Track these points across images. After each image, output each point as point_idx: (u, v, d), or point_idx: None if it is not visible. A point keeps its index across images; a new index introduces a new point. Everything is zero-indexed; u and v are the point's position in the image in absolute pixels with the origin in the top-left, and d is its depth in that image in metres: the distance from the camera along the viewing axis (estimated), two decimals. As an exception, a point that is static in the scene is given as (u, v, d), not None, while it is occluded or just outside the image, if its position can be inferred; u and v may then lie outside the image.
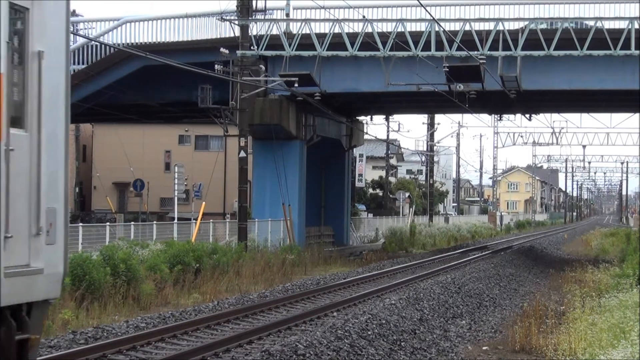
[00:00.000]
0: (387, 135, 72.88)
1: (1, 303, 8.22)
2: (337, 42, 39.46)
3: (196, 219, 35.95)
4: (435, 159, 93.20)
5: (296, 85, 37.96)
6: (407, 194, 77.62)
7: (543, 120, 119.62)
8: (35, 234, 8.99)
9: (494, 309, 24.40)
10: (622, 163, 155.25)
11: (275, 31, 40.55)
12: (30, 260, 8.91)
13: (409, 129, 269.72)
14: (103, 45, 43.08)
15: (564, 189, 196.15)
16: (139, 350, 15.53)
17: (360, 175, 68.76)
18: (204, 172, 54.00)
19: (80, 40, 42.76)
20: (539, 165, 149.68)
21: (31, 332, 8.91)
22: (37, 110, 9.08)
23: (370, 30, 39.34)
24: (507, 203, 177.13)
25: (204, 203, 39.59)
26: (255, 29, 40.24)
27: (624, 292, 23.79)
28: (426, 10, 34.96)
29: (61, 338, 16.32)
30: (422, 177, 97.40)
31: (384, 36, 39.32)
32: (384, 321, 19.23)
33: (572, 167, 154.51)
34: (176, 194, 40.67)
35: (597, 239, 69.47)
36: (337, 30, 39.58)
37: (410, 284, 28.80)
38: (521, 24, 39.75)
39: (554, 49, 38.75)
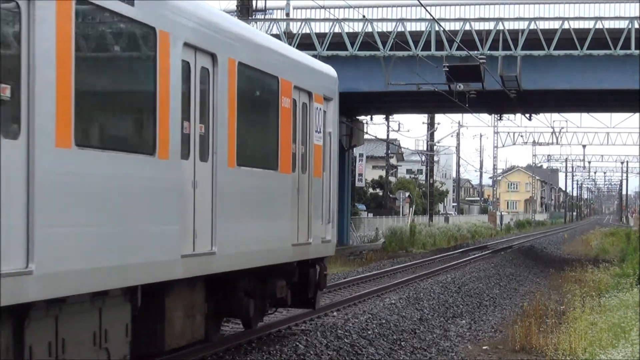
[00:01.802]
0: (387, 135, 72.95)
1: (320, 254, 17.40)
2: (337, 41, 39.47)
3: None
4: (435, 158, 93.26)
5: (296, 84, 37.93)
6: (407, 194, 77.67)
7: (543, 120, 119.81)
8: (327, 222, 17.67)
9: (494, 309, 24.40)
10: (622, 163, 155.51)
11: (275, 31, 40.57)
12: (326, 235, 17.56)
13: (409, 129, 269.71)
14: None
15: (564, 189, 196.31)
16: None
17: (360, 175, 68.79)
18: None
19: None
20: (539, 165, 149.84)
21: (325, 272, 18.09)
22: (329, 163, 17.80)
23: (370, 29, 39.35)
24: (507, 203, 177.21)
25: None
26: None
27: (624, 292, 23.82)
28: (426, 10, 34.97)
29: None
30: (422, 177, 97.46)
31: (384, 36, 39.34)
32: (384, 321, 19.24)
33: (572, 167, 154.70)
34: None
35: (597, 238, 69.51)
36: (337, 30, 39.60)
37: (410, 283, 28.81)
38: (521, 24, 39.78)
39: (554, 49, 38.77)
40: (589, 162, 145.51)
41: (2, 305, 8.49)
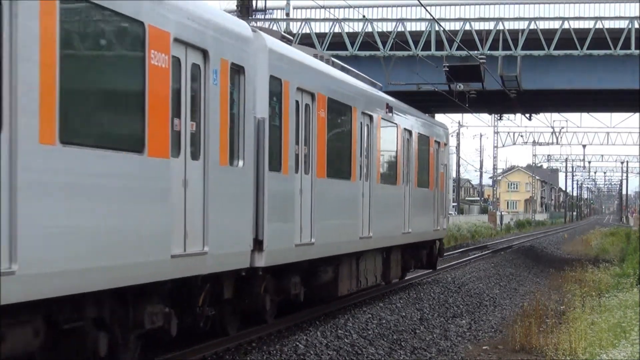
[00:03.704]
0: (387, 135, 72.75)
1: (441, 236, 29.50)
2: (337, 41, 39.47)
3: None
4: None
5: (296, 84, 37.93)
6: (407, 194, 77.44)
7: (543, 120, 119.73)
8: (445, 217, 29.57)
9: (494, 309, 24.38)
10: (622, 163, 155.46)
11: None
12: (444, 225, 29.53)
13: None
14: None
15: (564, 189, 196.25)
16: None
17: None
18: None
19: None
20: (539, 164, 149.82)
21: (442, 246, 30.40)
22: (445, 182, 29.65)
23: (370, 29, 39.35)
24: (507, 203, 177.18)
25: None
26: (255, 29, 40.21)
27: (624, 292, 23.81)
28: (426, 10, 34.97)
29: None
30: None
31: (384, 36, 39.34)
32: (384, 321, 19.24)
33: (572, 167, 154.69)
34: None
35: (597, 238, 69.44)
36: (337, 29, 39.59)
37: (410, 283, 28.79)
38: (521, 24, 39.78)
39: (554, 49, 38.77)
40: (589, 162, 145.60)
41: (358, 250, 20.31)
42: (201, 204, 12.65)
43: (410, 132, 24.65)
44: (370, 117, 20.87)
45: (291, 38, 18.19)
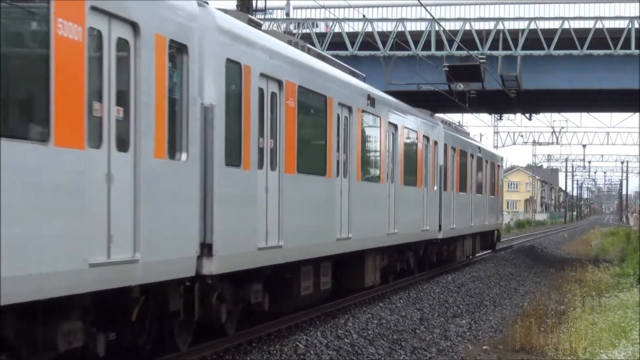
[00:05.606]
0: (387, 135, 72.67)
1: (498, 227, 45.69)
2: (337, 41, 39.45)
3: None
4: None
5: (296, 84, 37.91)
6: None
7: (543, 120, 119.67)
8: (501, 214, 45.55)
9: (494, 309, 24.37)
10: (622, 162, 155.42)
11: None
12: (500, 220, 45.37)
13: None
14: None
15: (564, 189, 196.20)
16: None
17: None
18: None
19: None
20: (539, 164, 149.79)
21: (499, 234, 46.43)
22: (501, 190, 45.00)
23: (370, 29, 39.34)
24: (507, 202, 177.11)
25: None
26: (255, 29, 40.15)
27: (624, 292, 23.81)
28: (426, 10, 34.96)
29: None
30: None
31: (384, 36, 39.32)
32: (384, 320, 19.23)
33: (572, 167, 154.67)
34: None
35: (597, 238, 69.44)
36: (337, 29, 39.58)
37: (410, 283, 28.78)
38: (521, 24, 39.77)
39: (554, 49, 38.76)
40: (589, 162, 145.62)
41: (466, 234, 35.75)
42: (427, 208, 27.42)
43: (486, 161, 39.04)
44: (472, 155, 35.76)
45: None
